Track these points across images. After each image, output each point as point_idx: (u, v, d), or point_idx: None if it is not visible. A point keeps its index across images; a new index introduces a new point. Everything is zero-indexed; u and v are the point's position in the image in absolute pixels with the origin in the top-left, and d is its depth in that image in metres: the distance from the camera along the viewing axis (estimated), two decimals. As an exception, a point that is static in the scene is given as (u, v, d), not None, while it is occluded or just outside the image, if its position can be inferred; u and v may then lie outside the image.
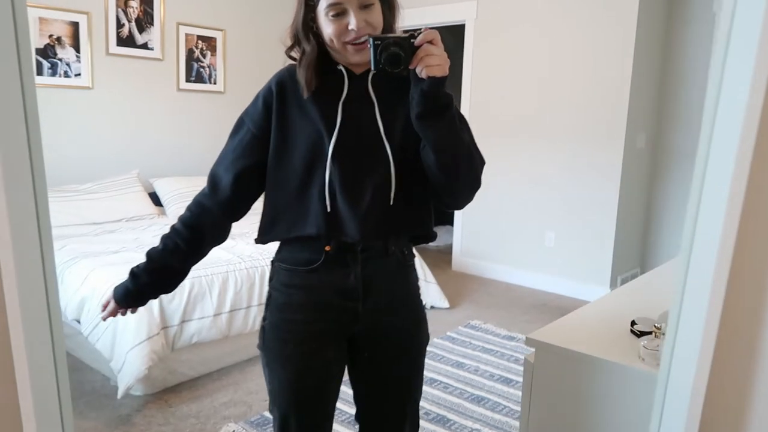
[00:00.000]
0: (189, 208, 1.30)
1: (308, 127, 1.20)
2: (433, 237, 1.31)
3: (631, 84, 3.83)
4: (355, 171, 1.19)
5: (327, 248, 1.21)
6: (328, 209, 1.19)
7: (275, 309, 1.27)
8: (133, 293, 1.32)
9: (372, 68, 1.10)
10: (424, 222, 1.28)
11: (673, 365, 0.64)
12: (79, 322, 2.66)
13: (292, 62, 1.25)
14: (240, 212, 1.30)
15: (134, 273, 1.31)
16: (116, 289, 1.33)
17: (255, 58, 4.86)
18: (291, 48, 1.22)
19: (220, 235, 1.33)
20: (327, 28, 1.14)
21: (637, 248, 4.39)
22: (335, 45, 1.15)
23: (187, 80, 4.53)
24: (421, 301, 1.36)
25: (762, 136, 0.59)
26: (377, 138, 1.19)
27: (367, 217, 1.19)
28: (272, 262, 1.30)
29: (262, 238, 1.26)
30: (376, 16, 1.15)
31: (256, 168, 1.24)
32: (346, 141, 1.18)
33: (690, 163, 4.14)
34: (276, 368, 1.27)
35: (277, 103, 1.22)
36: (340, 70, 1.21)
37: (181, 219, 1.30)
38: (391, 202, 1.20)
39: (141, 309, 2.42)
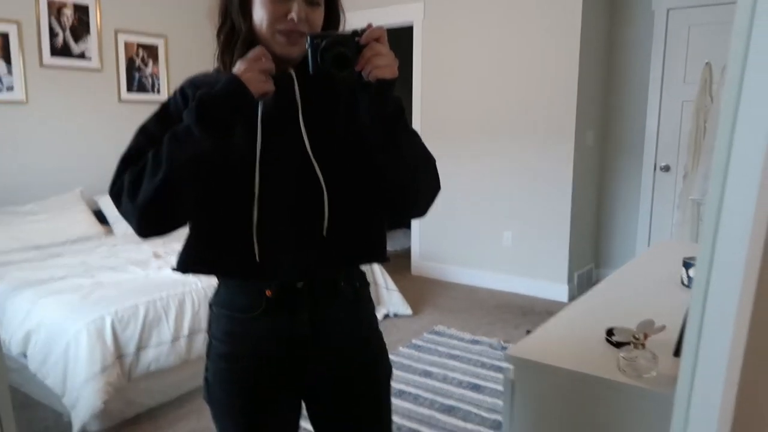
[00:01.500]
0: None
1: (223, 147, 1.00)
2: (384, 259, 1.18)
3: (578, 82, 3.90)
4: (284, 204, 1.05)
5: (268, 293, 1.07)
6: (257, 257, 1.04)
7: (217, 359, 1.14)
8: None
9: (311, 71, 0.96)
10: (374, 247, 1.15)
11: (695, 385, 0.61)
12: (25, 356, 2.50)
13: (205, 71, 1.12)
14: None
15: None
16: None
17: (200, 65, 4.64)
18: (222, 27, 1.07)
19: None
20: (262, 8, 1.01)
21: (591, 244, 4.49)
22: (264, 31, 1.02)
23: (129, 90, 4.35)
24: (380, 335, 1.25)
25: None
26: (304, 158, 1.04)
27: (303, 256, 1.07)
28: (210, 305, 1.18)
29: (183, 268, 1.10)
30: (318, 17, 1.05)
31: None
32: (270, 167, 1.03)
33: (635, 158, 4.26)
34: (226, 423, 1.16)
35: None
36: None
37: None
38: (324, 233, 1.06)
39: (93, 338, 2.31)
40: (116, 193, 1.03)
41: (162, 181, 0.95)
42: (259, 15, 1.02)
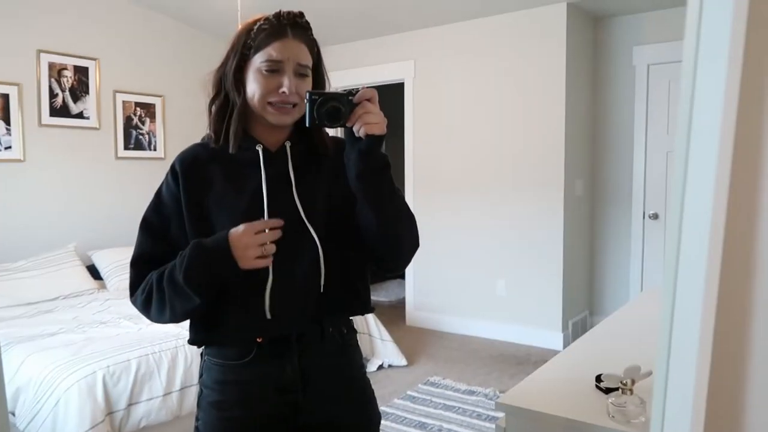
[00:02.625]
0: None
1: (224, 217, 1.12)
2: (370, 310, 1.25)
3: (565, 134, 4.01)
4: (288, 269, 1.12)
5: (258, 340, 1.13)
6: (268, 315, 1.11)
7: (208, 407, 1.17)
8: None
9: (307, 124, 1.05)
10: (360, 298, 1.22)
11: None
12: (14, 414, 2.46)
13: (196, 143, 1.20)
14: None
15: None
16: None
17: (196, 123, 4.79)
18: (215, 98, 1.15)
19: None
20: (255, 82, 1.10)
21: (585, 291, 4.50)
22: (256, 102, 1.10)
23: (126, 148, 4.42)
24: (368, 381, 1.28)
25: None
26: (299, 222, 1.13)
27: (301, 308, 1.14)
28: (201, 355, 1.21)
29: (195, 341, 1.18)
30: (307, 87, 1.13)
31: None
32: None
33: (624, 207, 4.33)
34: None
35: (184, 184, 1.13)
36: (256, 150, 1.14)
37: None
38: (322, 290, 1.14)
39: (84, 395, 2.29)
40: (135, 303, 1.17)
41: (169, 319, 1.12)
42: (252, 88, 1.10)
